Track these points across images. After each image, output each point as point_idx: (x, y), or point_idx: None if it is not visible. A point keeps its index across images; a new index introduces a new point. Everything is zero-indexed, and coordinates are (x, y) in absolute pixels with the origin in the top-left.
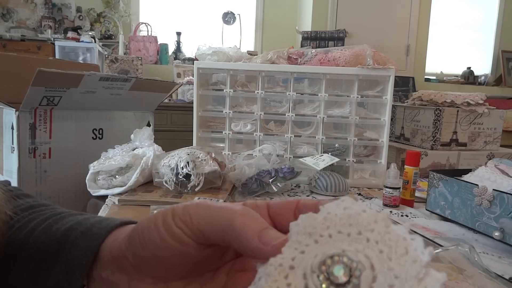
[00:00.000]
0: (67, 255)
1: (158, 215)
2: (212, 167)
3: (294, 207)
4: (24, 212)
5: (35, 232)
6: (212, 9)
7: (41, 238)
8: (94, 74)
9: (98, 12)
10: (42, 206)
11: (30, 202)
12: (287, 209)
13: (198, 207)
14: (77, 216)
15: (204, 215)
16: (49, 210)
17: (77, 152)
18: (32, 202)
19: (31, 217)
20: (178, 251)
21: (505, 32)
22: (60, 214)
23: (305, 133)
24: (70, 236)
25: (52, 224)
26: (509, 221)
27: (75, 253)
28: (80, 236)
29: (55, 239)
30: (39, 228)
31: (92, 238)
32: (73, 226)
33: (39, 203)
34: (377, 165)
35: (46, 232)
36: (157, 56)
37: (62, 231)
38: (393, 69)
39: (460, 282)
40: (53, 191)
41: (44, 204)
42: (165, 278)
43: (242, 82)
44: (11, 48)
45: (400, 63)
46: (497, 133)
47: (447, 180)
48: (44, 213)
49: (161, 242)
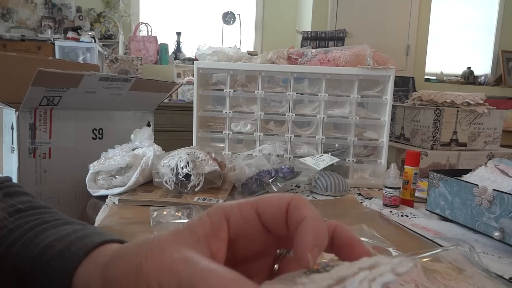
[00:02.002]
0: (43, 277)
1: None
2: (212, 167)
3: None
4: (10, 217)
5: (15, 246)
6: (212, 9)
7: (20, 253)
8: (94, 74)
9: (98, 12)
10: (30, 210)
11: (19, 205)
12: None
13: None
14: (60, 228)
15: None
16: (34, 218)
17: (77, 152)
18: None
19: (16, 224)
20: None
21: (505, 32)
22: (43, 224)
23: (305, 133)
24: (47, 254)
25: (32, 238)
26: (509, 221)
27: (51, 276)
28: (57, 255)
29: (31, 257)
30: (20, 241)
31: (68, 260)
32: (51, 243)
33: (29, 206)
34: (377, 165)
35: (26, 247)
36: (157, 56)
37: (41, 247)
38: (393, 69)
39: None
40: (53, 191)
41: (34, 206)
42: None
43: (242, 82)
44: (11, 48)
45: (400, 63)
46: (497, 133)
47: (447, 180)
48: (29, 220)
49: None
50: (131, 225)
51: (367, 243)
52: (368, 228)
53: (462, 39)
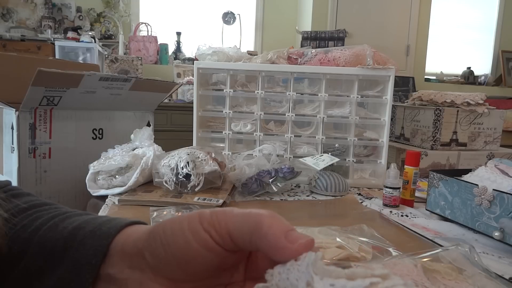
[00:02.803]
0: (74, 254)
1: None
2: (212, 167)
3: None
4: (27, 211)
5: (41, 230)
6: (212, 9)
7: (47, 236)
8: (94, 74)
9: (98, 12)
10: (46, 205)
11: (33, 201)
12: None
13: (225, 212)
14: (84, 216)
15: (233, 218)
16: (53, 209)
17: (77, 152)
18: (35, 201)
19: (36, 215)
20: (201, 256)
21: (505, 32)
22: (66, 213)
23: (305, 133)
24: (78, 235)
25: (58, 223)
26: (509, 221)
27: (83, 252)
28: (89, 235)
29: (61, 238)
30: (45, 226)
31: (101, 237)
32: (81, 224)
33: (42, 202)
34: (377, 165)
35: (52, 231)
36: (157, 56)
37: (69, 229)
38: (393, 69)
39: (460, 282)
40: (53, 191)
41: (47, 203)
42: (180, 281)
43: (242, 82)
44: (11, 48)
45: (400, 63)
46: (497, 133)
47: (447, 180)
48: (48, 212)
49: (185, 245)
50: None
51: (367, 243)
52: (368, 228)
53: (462, 39)
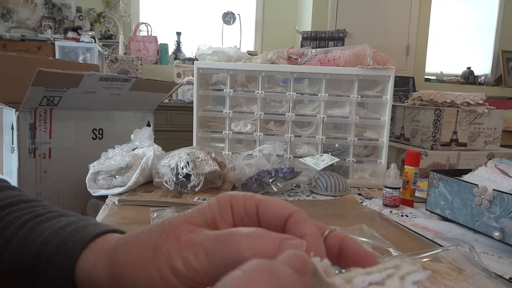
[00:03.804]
0: (44, 275)
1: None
2: (212, 167)
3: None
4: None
5: (11, 244)
6: (212, 9)
7: (18, 251)
8: (94, 74)
9: (98, 12)
10: (21, 204)
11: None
12: (275, 216)
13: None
14: (54, 221)
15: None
16: (27, 212)
17: (77, 152)
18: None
19: (8, 219)
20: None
21: (505, 32)
22: (36, 218)
23: (305, 133)
24: (44, 251)
25: (28, 234)
26: (509, 221)
27: (52, 273)
28: (55, 252)
29: (30, 254)
30: (15, 238)
31: (66, 256)
32: (48, 238)
33: (19, 199)
34: (377, 165)
35: (22, 244)
36: (157, 56)
37: (37, 244)
38: (393, 69)
39: (460, 282)
40: (53, 191)
41: (24, 200)
42: None
43: (242, 82)
44: (11, 48)
45: (400, 63)
46: (497, 133)
47: (447, 180)
48: (21, 214)
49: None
50: (131, 225)
51: (367, 243)
52: (368, 228)
53: (462, 39)
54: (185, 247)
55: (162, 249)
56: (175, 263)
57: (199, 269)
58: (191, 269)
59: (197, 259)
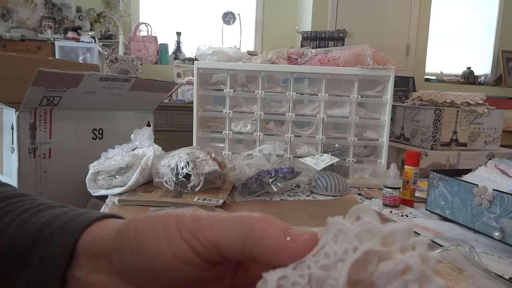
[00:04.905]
0: (41, 253)
1: (158, 221)
2: (212, 167)
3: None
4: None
5: (10, 227)
6: (212, 9)
7: (16, 233)
8: (94, 74)
9: (98, 12)
10: (21, 197)
11: (7, 192)
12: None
13: (210, 217)
14: (56, 209)
15: (219, 224)
16: (27, 202)
17: (77, 152)
18: (9, 192)
19: (7, 209)
20: (177, 270)
21: (505, 32)
22: (38, 206)
23: (305, 133)
24: (45, 231)
25: (29, 218)
26: (509, 221)
27: (49, 251)
28: (56, 231)
29: (29, 235)
30: (14, 222)
31: (68, 234)
32: (50, 220)
33: (17, 193)
34: (377, 165)
35: (21, 227)
36: (157, 56)
37: (38, 225)
38: (393, 69)
39: (460, 282)
40: (53, 191)
41: (23, 194)
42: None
43: (242, 82)
44: (11, 48)
45: (400, 63)
46: (497, 133)
47: (447, 180)
48: (21, 204)
49: (158, 254)
50: None
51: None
52: None
53: (462, 39)
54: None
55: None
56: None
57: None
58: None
59: (211, 232)
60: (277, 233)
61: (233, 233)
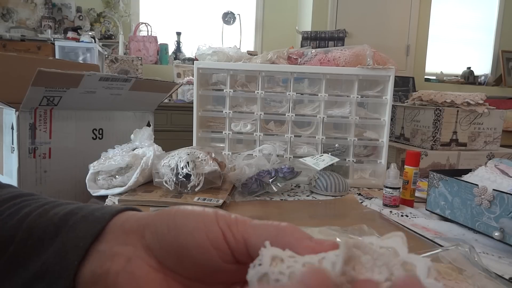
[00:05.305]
0: (62, 238)
1: (198, 209)
2: (212, 167)
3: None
4: (13, 200)
5: (30, 216)
6: (212, 9)
7: (36, 222)
8: (94, 74)
9: (98, 12)
10: (32, 195)
11: (18, 191)
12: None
13: (245, 218)
14: (75, 204)
15: (253, 225)
16: (42, 199)
17: (77, 152)
18: (21, 191)
19: (24, 204)
20: (204, 250)
21: (505, 32)
22: (55, 201)
23: (305, 133)
24: (70, 220)
25: (49, 210)
26: (509, 221)
27: (72, 235)
28: (80, 219)
29: (51, 224)
30: (34, 213)
31: (94, 222)
32: (74, 210)
33: (27, 193)
34: (377, 165)
35: (42, 217)
36: (157, 56)
37: (61, 215)
38: (393, 69)
39: (460, 282)
40: (53, 191)
41: (33, 193)
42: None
43: (242, 82)
44: (11, 48)
45: (400, 63)
46: (497, 133)
47: (447, 180)
48: (38, 200)
49: (194, 231)
50: None
51: None
52: (368, 228)
53: (462, 39)
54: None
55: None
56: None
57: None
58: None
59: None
60: (303, 237)
61: (264, 233)
